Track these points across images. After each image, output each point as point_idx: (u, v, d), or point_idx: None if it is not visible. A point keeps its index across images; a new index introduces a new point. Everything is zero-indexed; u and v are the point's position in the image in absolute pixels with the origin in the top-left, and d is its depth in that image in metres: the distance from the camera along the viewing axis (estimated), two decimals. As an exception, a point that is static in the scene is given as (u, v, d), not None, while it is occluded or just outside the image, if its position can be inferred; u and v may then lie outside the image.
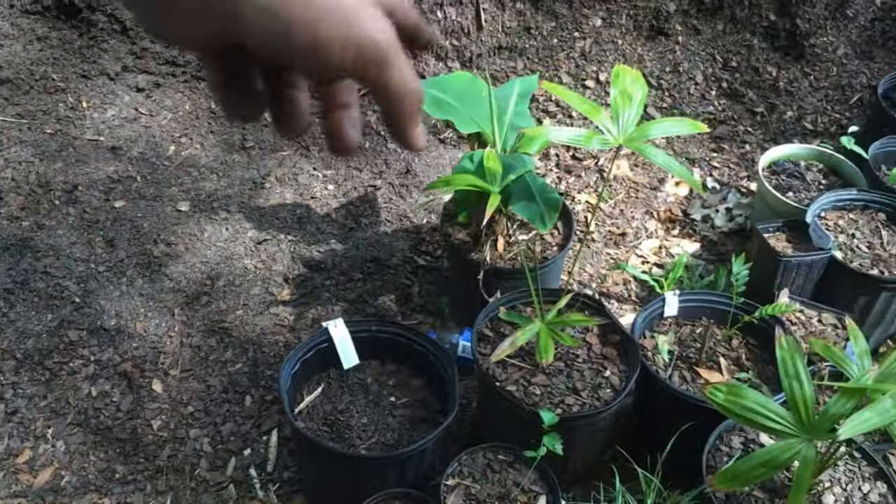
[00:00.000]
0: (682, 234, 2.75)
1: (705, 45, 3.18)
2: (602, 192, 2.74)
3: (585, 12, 3.07)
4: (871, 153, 2.57)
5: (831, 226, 2.40)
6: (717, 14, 3.20)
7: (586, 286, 2.55)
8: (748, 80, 3.18)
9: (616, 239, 2.72)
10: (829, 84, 3.23)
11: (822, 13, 3.23)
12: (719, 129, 3.08)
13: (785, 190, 2.60)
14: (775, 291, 2.24)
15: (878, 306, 2.23)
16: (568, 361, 1.90)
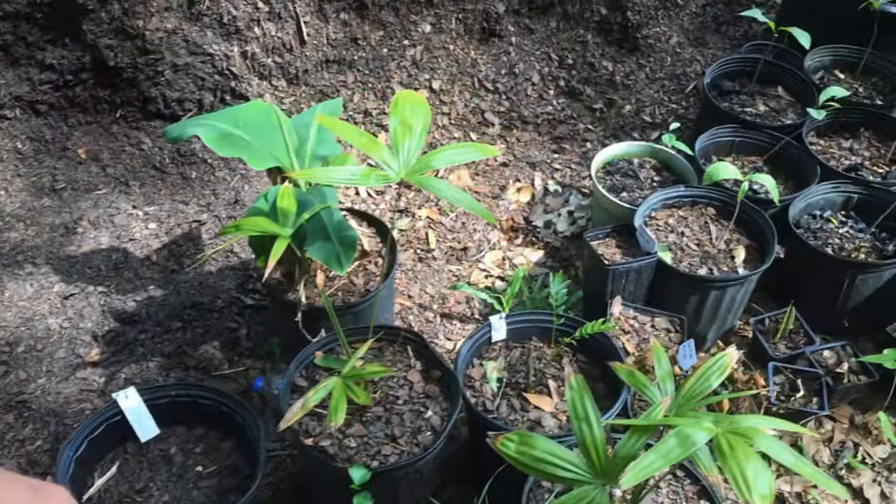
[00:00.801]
0: (525, 242, 2.69)
1: (540, 44, 3.13)
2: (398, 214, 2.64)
3: (413, 19, 2.96)
4: (698, 146, 2.56)
5: (661, 225, 2.37)
6: (549, 11, 3.14)
7: (427, 308, 2.46)
8: (585, 76, 3.14)
9: (458, 254, 2.63)
10: (664, 74, 3.23)
11: (653, 3, 3.22)
12: (559, 128, 3.03)
13: (619, 190, 2.56)
14: (607, 300, 2.20)
15: (710, 304, 2.21)
16: (387, 405, 1.79)
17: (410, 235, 2.67)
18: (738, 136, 2.65)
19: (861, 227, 2.43)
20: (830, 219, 2.46)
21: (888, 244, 2.34)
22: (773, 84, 2.89)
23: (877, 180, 2.50)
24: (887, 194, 2.40)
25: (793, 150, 2.57)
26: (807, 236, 2.40)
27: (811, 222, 2.45)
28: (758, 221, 2.33)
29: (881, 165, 2.57)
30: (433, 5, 2.96)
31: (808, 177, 2.50)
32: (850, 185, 2.46)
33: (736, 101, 2.81)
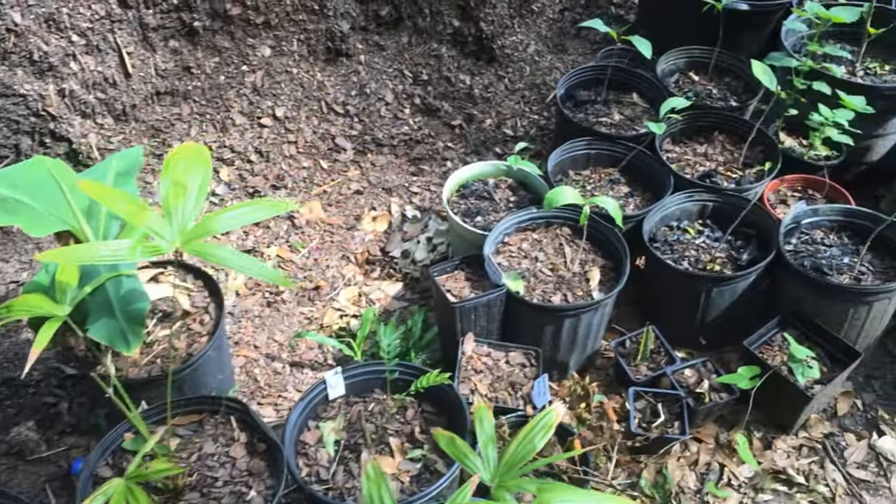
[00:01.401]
0: (382, 275, 2.54)
1: (392, 61, 2.98)
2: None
3: (251, 42, 2.77)
4: (552, 162, 2.47)
5: (515, 251, 2.26)
6: (399, 26, 3.00)
7: (276, 358, 2.28)
8: (442, 91, 3.01)
9: (310, 294, 2.46)
10: (524, 85, 3.13)
11: (506, 12, 3.12)
12: (417, 149, 2.89)
13: (475, 214, 2.44)
14: (458, 338, 2.07)
15: (566, 333, 2.12)
16: (205, 489, 1.61)
17: (258, 278, 2.48)
18: (594, 149, 2.57)
19: (717, 235, 2.38)
20: (688, 229, 2.40)
21: (742, 252, 2.30)
22: (629, 91, 2.83)
23: (730, 186, 2.45)
24: (740, 200, 2.35)
25: (647, 160, 2.51)
26: (664, 250, 2.33)
27: (668, 234, 2.39)
28: (611, 240, 2.25)
29: (735, 170, 2.53)
30: (271, 27, 2.78)
31: (664, 187, 2.43)
32: (705, 193, 2.41)
33: (591, 111, 2.73)
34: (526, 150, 2.96)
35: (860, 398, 2.24)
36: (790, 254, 2.27)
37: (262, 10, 2.74)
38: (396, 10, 2.95)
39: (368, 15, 2.92)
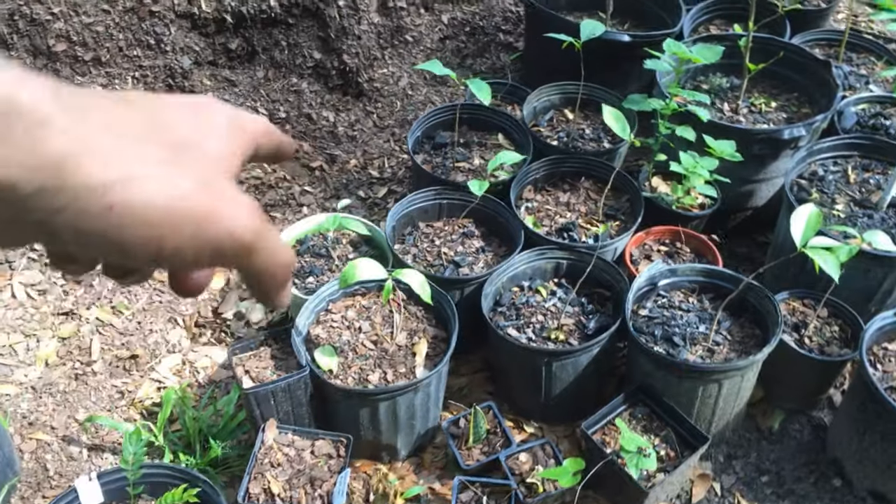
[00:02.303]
0: (212, 339, 2.31)
1: (245, 98, 2.75)
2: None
3: (80, 81, 2.53)
4: (394, 216, 2.25)
5: (338, 320, 2.04)
6: (254, 60, 2.77)
7: (73, 441, 2.05)
8: (302, 130, 2.79)
9: (125, 363, 2.23)
10: (395, 121, 2.92)
11: (374, 43, 2.90)
12: (269, 195, 2.66)
13: (307, 274, 2.22)
14: (260, 425, 1.85)
15: (384, 416, 1.90)
16: None
17: (72, 345, 2.25)
18: (445, 198, 2.35)
19: (572, 296, 2.17)
20: (540, 289, 2.19)
21: (592, 318, 2.09)
22: (494, 131, 2.61)
23: (585, 243, 2.24)
24: (596, 260, 2.14)
25: (503, 211, 2.30)
26: (508, 314, 2.12)
27: (517, 296, 2.17)
28: (443, 305, 2.03)
29: (595, 222, 2.32)
30: (102, 64, 2.54)
31: (516, 242, 2.22)
32: (558, 250, 2.20)
33: (450, 154, 2.51)
34: (390, 194, 2.74)
35: (719, 481, 2.04)
36: (644, 320, 2.06)
37: (90, 45, 2.51)
38: (248, 44, 2.73)
39: (217, 49, 2.69)
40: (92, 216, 0.34)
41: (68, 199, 0.34)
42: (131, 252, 0.36)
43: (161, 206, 0.36)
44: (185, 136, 0.40)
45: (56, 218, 0.34)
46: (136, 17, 2.55)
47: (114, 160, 0.35)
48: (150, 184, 0.36)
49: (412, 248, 2.27)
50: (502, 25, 3.30)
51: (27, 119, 0.33)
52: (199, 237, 0.37)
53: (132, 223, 0.35)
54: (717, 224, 2.57)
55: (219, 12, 2.62)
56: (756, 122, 2.54)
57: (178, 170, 0.37)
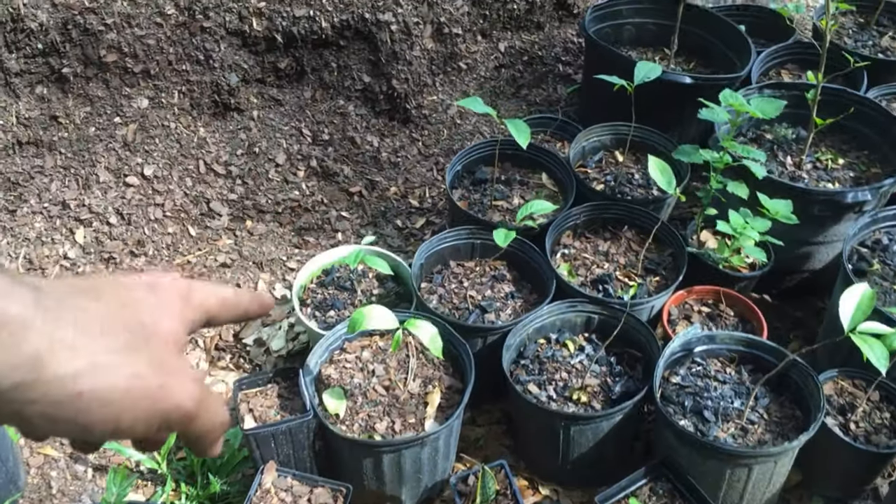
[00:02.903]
0: (230, 364, 2.28)
1: (290, 118, 2.73)
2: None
3: (128, 92, 2.54)
4: (420, 257, 2.17)
5: (351, 361, 1.97)
6: (302, 80, 2.74)
7: (79, 459, 2.03)
8: (344, 153, 2.74)
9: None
10: (440, 150, 2.84)
11: (426, 69, 2.84)
12: (305, 217, 2.62)
13: (328, 307, 2.17)
14: (260, 465, 1.79)
15: (388, 468, 1.82)
16: None
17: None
18: (479, 238, 2.26)
19: (600, 354, 2.05)
20: (567, 343, 2.08)
21: (618, 381, 1.96)
22: (539, 169, 2.51)
23: (619, 298, 2.12)
24: (629, 318, 2.02)
25: (536, 256, 2.19)
26: (531, 368, 2.01)
27: (543, 349, 2.07)
28: (461, 355, 1.94)
29: (634, 276, 2.20)
30: (151, 77, 2.55)
31: (548, 291, 2.12)
32: (589, 303, 2.08)
33: (489, 192, 2.42)
34: (428, 225, 2.67)
35: (743, 569, 1.88)
36: (675, 388, 1.93)
37: (140, 57, 2.51)
38: (298, 63, 2.70)
39: (265, 67, 2.67)
40: (62, 404, 0.39)
41: (41, 391, 0.39)
42: (94, 429, 0.41)
43: (122, 388, 0.41)
44: (142, 318, 0.46)
45: (30, 408, 0.39)
46: (188, 31, 2.55)
47: (81, 352, 0.41)
48: (112, 370, 0.42)
49: (439, 287, 2.19)
50: (562, 56, 3.20)
51: (11, 326, 0.38)
52: (151, 410, 0.43)
53: (97, 405, 0.40)
54: (769, 283, 2.41)
55: (270, 31, 2.60)
56: (820, 180, 2.37)
57: (135, 354, 0.43)
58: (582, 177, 2.48)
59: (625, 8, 2.98)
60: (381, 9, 2.67)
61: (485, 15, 3.01)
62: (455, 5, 2.86)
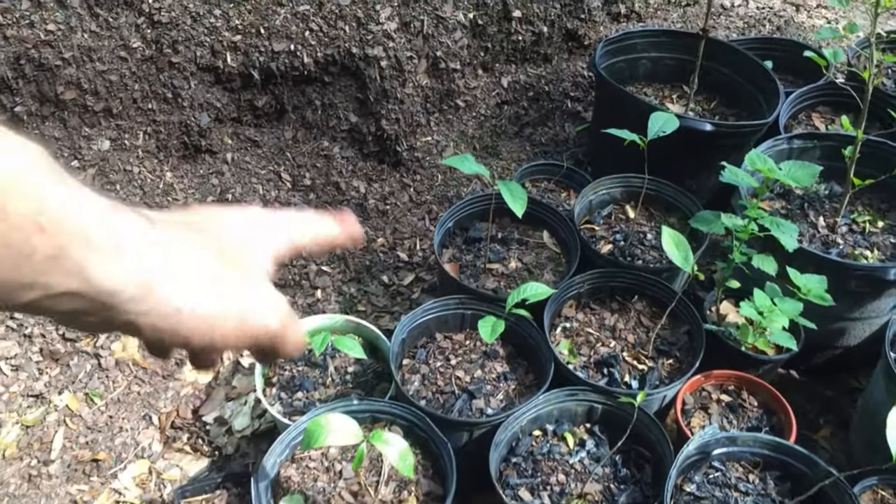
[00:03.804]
0: (188, 444, 2.03)
1: (268, 161, 2.48)
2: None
3: (88, 133, 2.30)
4: (399, 334, 1.91)
5: (317, 458, 1.71)
6: (283, 119, 2.50)
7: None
8: (327, 200, 2.49)
9: (86, 467, 1.96)
10: (433, 197, 2.59)
11: (419, 108, 2.58)
12: (280, 273, 2.37)
13: (295, 389, 1.92)
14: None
15: None
16: None
17: (34, 436, 2.00)
18: (470, 309, 2.00)
19: (603, 450, 1.79)
20: (567, 436, 1.82)
21: (624, 490, 1.70)
22: (539, 226, 2.25)
23: (627, 386, 1.85)
24: (634, 410, 1.75)
25: (533, 333, 1.93)
26: (523, 468, 1.75)
27: (538, 443, 1.80)
28: (442, 455, 1.68)
29: (643, 358, 1.93)
30: (113, 116, 2.31)
31: (545, 374, 1.86)
32: (592, 392, 1.82)
33: (482, 253, 2.16)
34: (418, 282, 2.42)
35: None
36: (689, 498, 1.66)
37: (102, 95, 2.28)
38: (278, 101, 2.45)
39: (241, 105, 2.43)
40: (166, 317, 0.47)
41: (151, 304, 0.47)
42: (194, 341, 0.49)
43: (210, 308, 0.49)
44: (234, 244, 0.53)
45: (142, 318, 0.47)
46: (155, 66, 2.31)
47: (180, 276, 0.48)
48: (203, 292, 0.49)
49: (423, 365, 1.94)
50: (571, 92, 2.94)
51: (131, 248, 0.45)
52: (241, 328, 0.51)
53: (192, 321, 0.48)
54: (797, 359, 2.14)
55: (246, 67, 2.36)
56: (857, 246, 2.10)
57: (224, 280, 0.51)
58: (588, 235, 2.22)
59: (640, 42, 2.71)
60: (369, 42, 2.42)
61: (486, 47, 2.76)
62: (453, 38, 2.61)
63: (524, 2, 2.77)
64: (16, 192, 0.40)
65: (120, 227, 0.45)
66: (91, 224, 0.43)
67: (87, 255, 0.43)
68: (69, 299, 0.44)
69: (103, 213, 0.45)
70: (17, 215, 0.40)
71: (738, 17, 3.42)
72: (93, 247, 0.43)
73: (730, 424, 1.85)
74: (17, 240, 0.40)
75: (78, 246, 0.43)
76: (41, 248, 0.41)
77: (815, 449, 2.05)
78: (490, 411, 1.82)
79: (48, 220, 0.41)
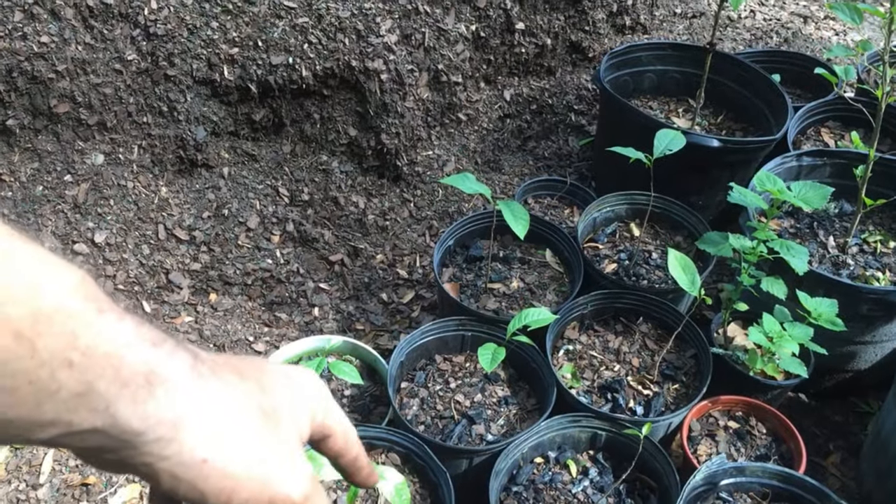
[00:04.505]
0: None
1: (265, 176, 2.43)
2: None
3: (81, 147, 2.26)
4: (399, 352, 1.86)
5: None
6: (281, 133, 2.45)
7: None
8: (326, 216, 2.45)
9: (76, 492, 1.91)
10: (434, 212, 2.54)
11: (420, 122, 2.54)
12: (278, 290, 2.32)
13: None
14: None
15: None
16: None
17: (23, 458, 1.95)
18: (470, 330, 1.95)
19: (607, 480, 1.73)
20: (570, 463, 1.76)
21: (628, 522, 1.64)
22: (542, 244, 2.20)
23: (631, 412, 1.80)
24: (640, 439, 1.70)
25: (535, 356, 1.88)
26: (525, 497, 1.70)
27: (539, 471, 1.75)
28: (441, 485, 1.63)
29: (648, 382, 1.87)
30: (108, 129, 2.26)
31: (547, 400, 1.80)
32: (594, 418, 1.77)
33: (483, 272, 2.11)
34: (417, 300, 2.36)
35: None
36: (696, 531, 1.61)
37: (96, 108, 2.23)
38: (275, 115, 2.41)
39: (238, 119, 2.38)
40: (188, 466, 0.43)
41: (175, 450, 0.43)
42: (208, 497, 0.44)
43: (241, 466, 0.45)
44: (278, 404, 0.49)
45: (161, 463, 0.43)
46: (150, 79, 2.27)
47: (215, 424, 0.44)
48: (237, 448, 0.45)
49: (421, 389, 1.88)
50: (575, 105, 2.89)
51: (167, 385, 0.42)
52: (261, 493, 0.46)
53: (216, 476, 0.44)
54: (806, 383, 2.08)
55: (243, 80, 2.31)
56: (868, 267, 2.04)
57: (261, 438, 0.47)
58: (592, 254, 2.17)
59: (645, 55, 2.66)
60: (369, 55, 2.37)
61: (489, 60, 2.71)
62: (455, 50, 2.56)
63: (527, 14, 2.72)
64: (49, 327, 0.37)
65: (156, 363, 0.42)
66: (125, 358, 0.40)
67: (115, 392, 0.40)
68: (90, 436, 0.40)
69: (141, 347, 0.41)
70: (47, 352, 0.37)
71: (745, 29, 3.37)
72: (123, 382, 0.40)
73: (737, 452, 1.80)
74: (43, 377, 0.37)
75: (107, 381, 0.39)
76: (68, 384, 0.38)
77: (824, 476, 1.99)
78: (490, 437, 1.77)
79: (79, 356, 0.38)
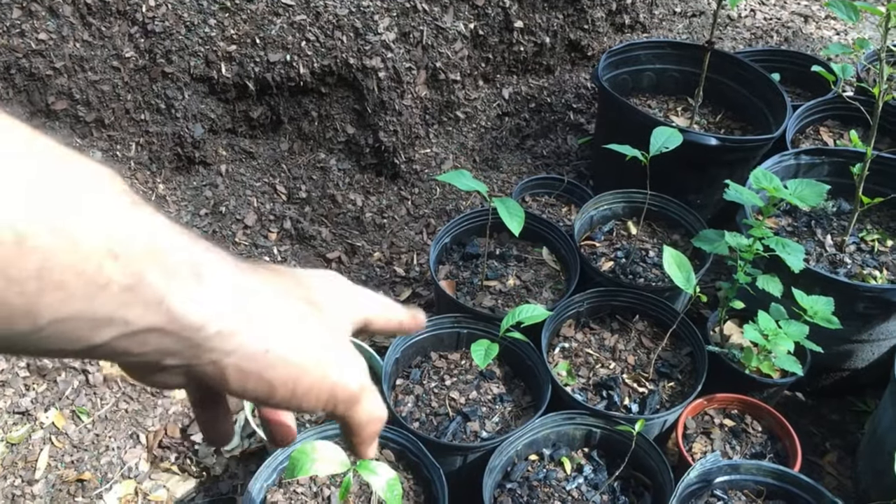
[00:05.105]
0: (176, 464, 1.98)
1: (263, 173, 2.43)
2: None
3: (79, 144, 2.26)
4: (393, 353, 1.86)
5: (305, 482, 1.66)
6: (279, 131, 2.45)
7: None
8: (323, 213, 2.45)
9: (71, 487, 1.91)
10: (431, 210, 2.54)
11: (418, 120, 2.53)
12: (274, 287, 2.32)
13: (286, 408, 1.86)
14: None
15: None
16: None
17: (18, 454, 1.95)
18: (466, 327, 1.95)
19: (602, 477, 1.73)
20: (564, 461, 1.76)
21: (622, 520, 1.64)
22: (539, 242, 2.20)
23: (626, 409, 1.79)
24: (634, 436, 1.70)
25: (530, 353, 1.88)
26: (518, 494, 1.69)
27: (534, 468, 1.75)
28: (434, 481, 1.63)
29: (644, 380, 1.87)
30: (105, 126, 2.27)
31: (542, 397, 1.80)
32: (590, 416, 1.76)
33: (480, 270, 2.11)
34: (414, 297, 2.36)
35: None
36: (690, 529, 1.60)
37: (94, 105, 2.24)
38: (273, 112, 2.41)
39: (236, 116, 2.39)
40: (253, 357, 0.43)
41: (238, 342, 0.42)
42: (277, 389, 0.44)
43: (300, 355, 0.45)
44: (318, 297, 0.49)
45: (226, 358, 0.42)
46: (148, 76, 2.27)
47: (271, 313, 0.44)
48: (295, 336, 0.45)
49: (416, 386, 1.88)
50: (573, 103, 2.88)
51: (215, 277, 0.41)
52: (323, 380, 0.46)
53: (281, 363, 0.44)
54: (802, 381, 2.08)
55: (241, 77, 2.32)
56: (865, 266, 2.04)
57: (312, 326, 0.47)
58: (589, 252, 2.16)
59: (643, 53, 2.66)
60: (367, 53, 2.37)
61: (487, 58, 2.71)
62: (453, 48, 2.56)
63: (526, 12, 2.72)
64: (86, 219, 0.36)
65: (199, 255, 0.41)
66: (167, 249, 0.39)
67: (166, 283, 0.39)
68: (150, 337, 0.39)
69: (180, 239, 0.40)
70: (87, 244, 0.36)
71: (745, 28, 3.37)
72: (170, 273, 0.39)
73: (733, 450, 1.79)
74: (90, 269, 0.36)
75: (155, 273, 0.38)
76: (116, 276, 0.37)
77: (821, 475, 1.99)
78: (485, 434, 1.77)
79: (121, 247, 0.37)
